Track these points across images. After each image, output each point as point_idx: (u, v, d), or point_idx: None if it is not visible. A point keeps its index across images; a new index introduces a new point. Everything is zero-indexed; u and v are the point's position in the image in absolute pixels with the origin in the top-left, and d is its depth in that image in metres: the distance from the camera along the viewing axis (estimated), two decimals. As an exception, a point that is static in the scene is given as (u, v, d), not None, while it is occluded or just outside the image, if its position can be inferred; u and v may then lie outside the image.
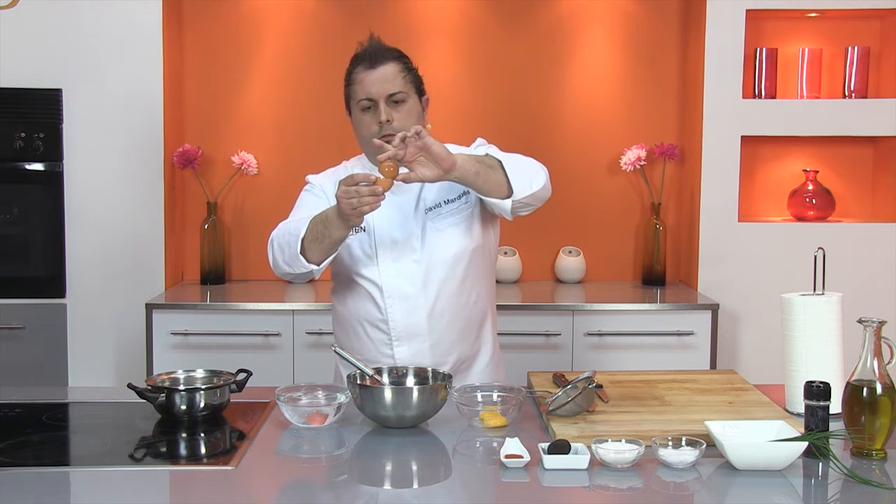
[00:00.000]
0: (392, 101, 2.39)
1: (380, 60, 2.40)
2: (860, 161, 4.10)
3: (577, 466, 1.85)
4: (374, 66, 2.40)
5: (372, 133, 2.39)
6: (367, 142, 2.41)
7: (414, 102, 2.43)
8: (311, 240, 2.30)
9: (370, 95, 2.39)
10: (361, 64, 2.42)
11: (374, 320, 2.45)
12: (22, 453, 2.00)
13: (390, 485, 1.90)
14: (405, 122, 2.38)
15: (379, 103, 2.39)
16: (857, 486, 1.79)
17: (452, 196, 2.45)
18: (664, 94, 4.13)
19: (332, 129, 4.07)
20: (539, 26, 4.09)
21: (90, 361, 3.79)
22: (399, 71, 2.41)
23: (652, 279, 4.03)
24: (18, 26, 3.72)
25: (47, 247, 3.78)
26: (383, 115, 2.37)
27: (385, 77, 2.39)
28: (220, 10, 4.06)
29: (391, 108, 2.39)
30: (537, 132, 4.08)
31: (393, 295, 2.42)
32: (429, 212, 2.44)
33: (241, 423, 2.17)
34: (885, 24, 3.98)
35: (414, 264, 2.41)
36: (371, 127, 2.40)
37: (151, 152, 3.81)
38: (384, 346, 2.44)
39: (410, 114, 2.41)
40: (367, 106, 2.41)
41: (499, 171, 2.30)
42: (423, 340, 2.43)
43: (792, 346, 2.23)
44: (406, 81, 2.41)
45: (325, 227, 2.28)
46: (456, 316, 2.44)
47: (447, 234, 2.43)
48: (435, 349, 2.43)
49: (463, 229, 2.45)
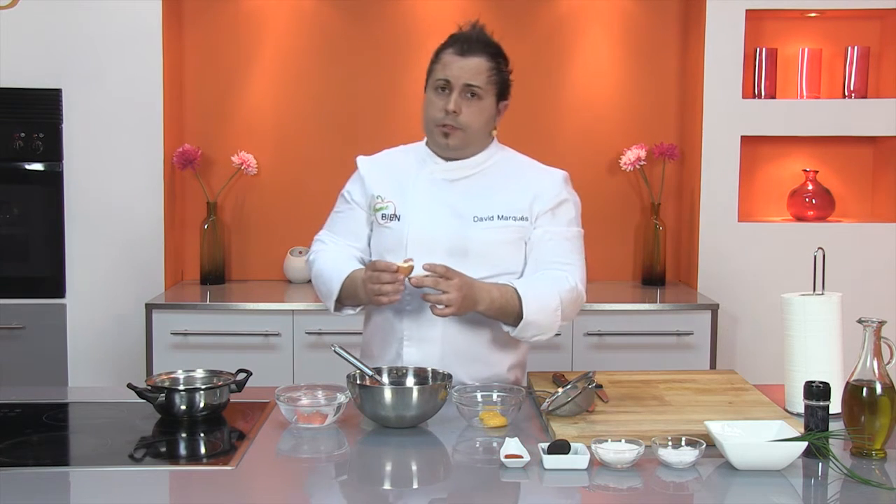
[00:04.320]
0: (467, 92, 2.32)
1: (473, 50, 2.34)
2: (860, 161, 4.10)
3: (577, 466, 1.85)
4: (464, 53, 2.33)
5: (436, 118, 2.34)
6: (429, 123, 2.37)
7: (490, 103, 2.35)
8: (345, 296, 2.37)
9: (448, 77, 2.32)
10: (453, 46, 2.36)
11: (391, 317, 2.39)
12: (22, 453, 2.00)
13: (390, 485, 1.90)
14: (474, 119, 2.33)
15: (453, 90, 2.32)
16: (856, 486, 1.79)
17: (509, 214, 2.36)
18: (664, 94, 4.13)
19: (332, 128, 4.08)
20: (539, 26, 4.09)
21: (90, 361, 3.79)
22: (488, 68, 2.34)
23: (652, 279, 4.03)
24: (18, 26, 3.72)
25: (47, 247, 3.78)
26: (452, 104, 2.31)
27: (471, 68, 2.32)
28: (220, 10, 4.06)
29: (463, 100, 2.32)
30: (537, 132, 4.08)
31: (413, 294, 2.34)
32: (478, 221, 2.35)
33: (241, 423, 2.16)
34: (885, 24, 3.98)
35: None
36: (438, 109, 2.33)
37: (151, 152, 3.81)
38: (396, 345, 2.38)
39: (482, 112, 2.35)
40: (441, 86, 2.34)
41: (513, 317, 2.29)
42: (435, 346, 2.36)
43: (792, 346, 2.23)
44: (489, 80, 2.34)
45: (355, 291, 2.34)
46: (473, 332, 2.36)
47: (491, 248, 2.35)
48: (445, 360, 2.34)
49: (509, 250, 2.37)
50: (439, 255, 2.30)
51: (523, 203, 2.37)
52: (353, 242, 2.47)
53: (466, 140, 2.36)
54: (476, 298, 2.25)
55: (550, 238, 2.38)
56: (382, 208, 2.41)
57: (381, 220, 2.41)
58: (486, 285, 2.29)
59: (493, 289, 2.28)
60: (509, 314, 2.30)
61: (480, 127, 2.36)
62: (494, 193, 2.37)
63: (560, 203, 2.40)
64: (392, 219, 2.39)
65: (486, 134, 2.40)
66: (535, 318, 2.29)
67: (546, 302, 2.31)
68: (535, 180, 2.41)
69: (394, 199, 2.40)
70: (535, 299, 2.29)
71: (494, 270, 2.35)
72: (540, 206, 2.38)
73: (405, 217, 2.38)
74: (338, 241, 2.48)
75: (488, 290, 2.27)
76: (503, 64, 2.39)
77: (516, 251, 2.38)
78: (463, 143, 2.36)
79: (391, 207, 2.40)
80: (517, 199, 2.38)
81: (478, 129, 2.36)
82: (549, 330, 2.35)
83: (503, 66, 2.39)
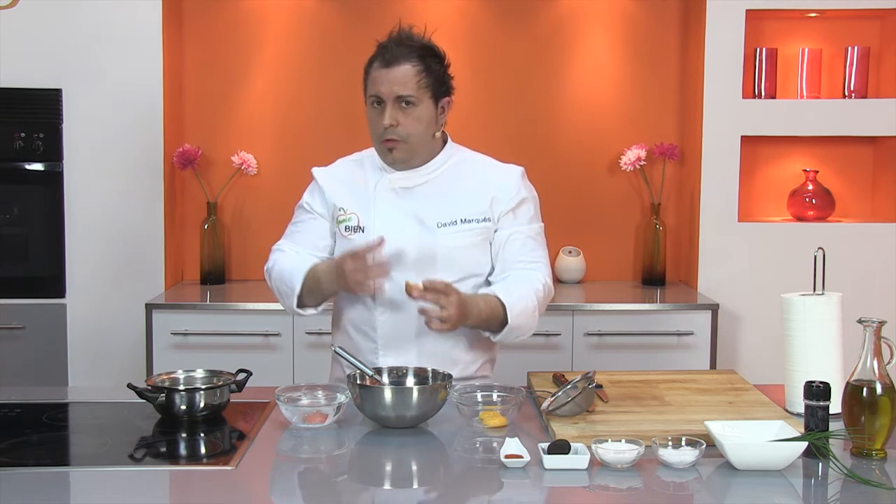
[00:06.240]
0: (401, 103, 2.31)
1: (397, 59, 2.31)
2: (860, 161, 4.09)
3: (577, 466, 1.85)
4: (389, 64, 2.31)
5: (377, 134, 2.35)
6: (374, 140, 2.39)
7: (426, 107, 2.33)
8: (306, 293, 2.37)
9: (379, 94, 2.32)
10: (378, 59, 2.33)
11: (363, 325, 2.41)
12: (22, 453, 2.00)
13: (390, 485, 1.90)
14: (413, 127, 2.32)
15: (387, 104, 2.32)
16: (856, 486, 1.79)
17: (471, 217, 2.38)
18: (664, 94, 4.13)
19: (332, 128, 4.07)
20: (539, 26, 4.09)
21: (90, 361, 3.79)
22: (416, 73, 2.31)
23: (652, 279, 4.03)
24: (18, 26, 3.72)
25: (47, 247, 3.78)
26: (387, 118, 2.31)
27: (398, 78, 2.30)
28: (220, 10, 4.06)
29: (399, 111, 2.31)
30: (537, 132, 4.08)
31: (384, 303, 2.36)
32: (442, 227, 2.36)
33: (241, 423, 2.16)
34: (885, 24, 3.98)
35: (415, 275, 2.31)
36: (377, 125, 2.34)
37: (151, 152, 3.81)
38: (370, 354, 2.38)
39: (420, 120, 2.33)
40: (375, 102, 2.34)
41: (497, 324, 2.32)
42: (410, 353, 2.37)
43: (792, 346, 2.23)
44: (420, 85, 2.31)
45: (317, 284, 2.34)
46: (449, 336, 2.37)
47: (458, 253, 2.37)
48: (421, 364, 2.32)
49: (475, 253, 2.39)
50: (407, 264, 2.33)
51: (483, 204, 2.38)
52: (315, 252, 2.45)
53: (411, 150, 2.36)
54: (467, 313, 2.27)
55: (515, 238, 2.40)
56: (345, 220, 2.41)
57: (344, 231, 2.41)
58: (474, 298, 2.30)
59: (479, 301, 2.30)
60: (493, 322, 2.33)
61: (422, 133, 2.35)
62: (454, 197, 2.38)
63: (520, 203, 2.41)
64: (356, 230, 2.39)
65: (430, 137, 2.38)
66: (519, 323, 2.33)
67: (525, 305, 2.34)
68: (492, 180, 2.41)
69: (356, 210, 2.40)
70: (517, 304, 2.32)
71: (462, 274, 2.37)
72: (500, 207, 2.39)
73: (369, 228, 2.38)
74: (299, 251, 2.45)
75: (476, 302, 2.29)
76: (434, 63, 2.35)
77: (482, 253, 2.40)
78: (408, 154, 2.36)
79: (354, 219, 2.40)
80: (477, 201, 2.38)
81: (420, 135, 2.35)
82: (528, 331, 2.39)
83: (434, 64, 2.35)
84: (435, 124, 2.38)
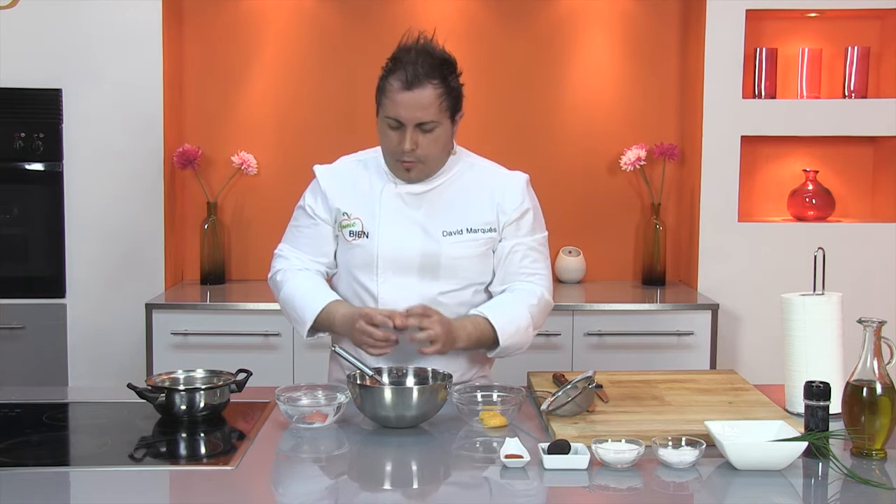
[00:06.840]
0: (422, 128, 2.26)
1: (419, 81, 2.22)
2: (860, 161, 4.09)
3: (577, 466, 1.85)
4: (410, 87, 2.23)
5: (394, 152, 2.30)
6: (388, 156, 2.34)
7: (444, 129, 2.28)
8: (317, 327, 2.38)
9: (399, 118, 2.25)
10: (399, 79, 2.24)
11: None
12: (22, 453, 2.00)
13: (390, 485, 1.90)
14: (431, 150, 2.29)
15: (407, 129, 2.26)
16: (856, 486, 1.79)
17: (477, 226, 2.36)
18: (664, 94, 4.13)
19: (332, 128, 4.07)
20: (539, 26, 4.09)
21: (90, 361, 3.79)
22: (437, 97, 2.24)
23: (652, 279, 4.03)
24: (18, 26, 3.72)
25: (47, 247, 3.78)
26: (408, 143, 2.25)
27: (419, 103, 2.23)
28: (221, 10, 4.06)
29: (418, 135, 2.26)
30: (537, 132, 4.08)
31: (384, 304, 2.33)
32: (447, 235, 2.34)
33: (241, 423, 2.17)
34: (885, 24, 3.98)
35: (417, 283, 2.34)
36: (395, 144, 2.28)
37: (151, 152, 3.81)
38: (368, 358, 2.33)
39: (437, 142, 2.29)
40: (393, 126, 2.27)
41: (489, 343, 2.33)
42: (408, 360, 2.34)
43: (792, 346, 2.23)
44: (441, 109, 2.25)
45: (330, 326, 2.35)
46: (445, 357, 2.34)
47: (461, 262, 2.35)
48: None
49: (478, 262, 2.38)
50: (411, 272, 2.33)
51: (490, 214, 2.37)
52: (318, 258, 2.44)
53: (428, 169, 2.34)
54: (455, 336, 2.27)
55: (517, 250, 2.39)
56: (349, 225, 2.38)
57: (348, 237, 2.38)
58: (461, 322, 2.31)
59: (467, 324, 2.31)
60: (485, 343, 2.34)
61: (440, 153, 2.33)
62: (461, 205, 2.37)
63: (524, 213, 2.39)
64: (360, 236, 2.37)
65: (447, 154, 2.37)
66: (511, 342, 2.34)
67: (518, 323, 2.34)
68: (497, 189, 2.39)
69: (360, 215, 2.37)
70: (509, 324, 2.33)
71: (463, 283, 2.38)
72: (505, 217, 2.38)
73: (374, 235, 2.35)
74: (302, 258, 2.44)
75: (463, 325, 2.30)
76: (452, 79, 2.29)
77: (485, 263, 2.40)
78: (425, 173, 2.35)
79: (358, 225, 2.37)
80: (483, 210, 2.37)
81: (437, 155, 2.33)
82: (524, 346, 2.40)
83: (453, 81, 2.29)
84: (451, 141, 2.37)
